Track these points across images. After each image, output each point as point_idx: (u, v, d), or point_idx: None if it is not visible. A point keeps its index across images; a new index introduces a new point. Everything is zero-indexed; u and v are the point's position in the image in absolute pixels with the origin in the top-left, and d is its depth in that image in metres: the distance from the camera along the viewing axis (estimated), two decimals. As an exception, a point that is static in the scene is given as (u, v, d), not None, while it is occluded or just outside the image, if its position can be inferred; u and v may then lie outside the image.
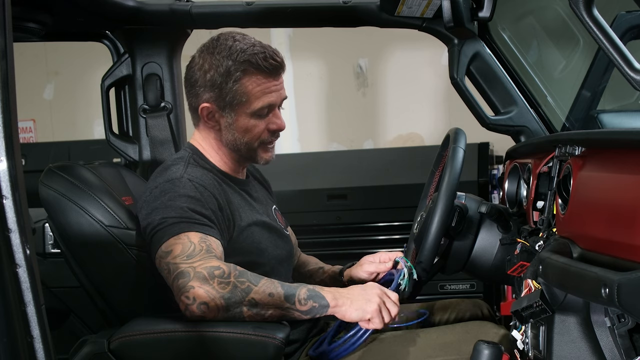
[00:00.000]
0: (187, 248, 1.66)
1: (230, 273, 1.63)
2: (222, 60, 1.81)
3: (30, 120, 4.88)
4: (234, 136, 1.86)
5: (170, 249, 1.67)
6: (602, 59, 2.38)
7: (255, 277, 1.66)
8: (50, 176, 1.80)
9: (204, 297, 1.60)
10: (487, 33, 2.36)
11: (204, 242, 1.68)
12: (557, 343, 1.40)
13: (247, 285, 1.63)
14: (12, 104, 1.16)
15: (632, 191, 1.20)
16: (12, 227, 1.14)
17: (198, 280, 1.61)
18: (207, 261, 1.64)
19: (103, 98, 2.38)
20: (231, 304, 1.61)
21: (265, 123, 1.87)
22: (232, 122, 1.85)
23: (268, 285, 1.65)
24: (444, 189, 1.80)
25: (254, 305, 1.63)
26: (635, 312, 1.11)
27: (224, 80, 1.81)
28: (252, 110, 1.83)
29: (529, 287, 1.53)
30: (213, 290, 1.61)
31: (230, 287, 1.62)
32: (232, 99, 1.82)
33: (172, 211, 1.71)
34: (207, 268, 1.63)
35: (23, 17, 1.99)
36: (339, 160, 3.62)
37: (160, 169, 1.87)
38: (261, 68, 1.81)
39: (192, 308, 1.60)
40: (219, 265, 1.63)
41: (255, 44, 1.84)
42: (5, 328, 1.14)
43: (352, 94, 4.59)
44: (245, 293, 1.62)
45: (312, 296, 1.66)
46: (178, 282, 1.63)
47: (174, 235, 1.68)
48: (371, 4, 2.29)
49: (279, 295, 1.64)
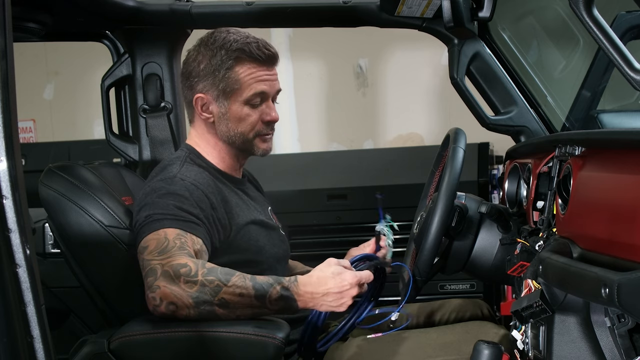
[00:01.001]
0: (160, 244, 1.65)
1: (198, 271, 1.60)
2: (215, 50, 1.85)
3: (30, 120, 4.88)
4: (228, 126, 1.87)
5: (147, 244, 1.67)
6: (602, 59, 2.38)
7: (226, 274, 1.62)
8: (50, 176, 1.80)
9: (171, 297, 1.58)
10: (487, 33, 2.36)
11: (179, 239, 1.66)
12: (557, 343, 1.40)
13: (216, 284, 1.59)
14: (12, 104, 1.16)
15: (632, 191, 1.20)
16: (12, 227, 1.14)
17: (164, 279, 1.59)
18: (175, 258, 1.61)
19: (103, 98, 2.38)
20: (200, 303, 1.58)
21: (259, 113, 1.88)
22: (226, 111, 1.86)
23: (239, 284, 1.61)
24: (444, 189, 1.80)
25: (224, 305, 1.60)
26: (635, 312, 1.11)
27: (217, 68, 1.84)
28: (244, 98, 1.85)
29: (529, 287, 1.53)
30: (179, 289, 1.58)
31: (198, 286, 1.58)
32: (225, 86, 1.84)
33: (158, 208, 1.71)
34: (174, 266, 1.60)
35: (23, 17, 1.99)
36: (339, 160, 3.62)
37: (158, 168, 1.88)
38: (253, 56, 1.84)
39: (160, 309, 1.59)
40: (186, 263, 1.60)
41: (248, 36, 1.88)
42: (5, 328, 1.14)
43: (352, 94, 4.59)
44: (215, 292, 1.59)
45: (284, 297, 1.63)
46: (147, 280, 1.61)
47: (154, 231, 1.68)
48: (371, 4, 2.29)
49: (250, 296, 1.61)
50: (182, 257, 1.62)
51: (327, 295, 1.64)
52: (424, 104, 4.52)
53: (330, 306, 1.65)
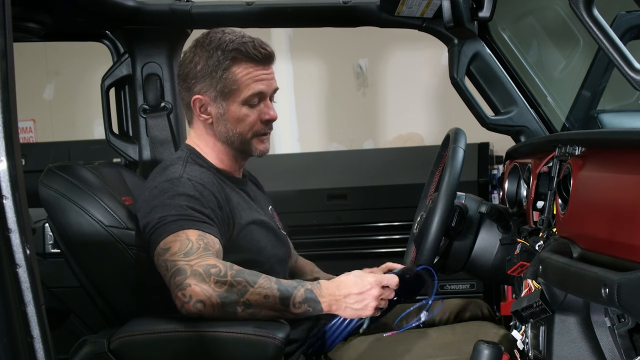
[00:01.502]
0: (184, 245, 1.66)
1: (227, 272, 1.62)
2: (212, 51, 1.84)
3: (30, 120, 4.88)
4: (227, 127, 1.87)
5: (169, 246, 1.67)
6: (602, 59, 2.38)
7: (253, 275, 1.65)
8: (50, 176, 1.80)
9: (201, 295, 1.60)
10: (487, 33, 2.36)
11: (201, 239, 1.68)
12: (557, 343, 1.40)
13: (243, 285, 1.62)
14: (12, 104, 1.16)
15: (632, 191, 1.20)
16: (12, 227, 1.14)
17: (195, 278, 1.61)
18: (204, 259, 1.64)
19: (103, 98, 2.38)
20: (227, 303, 1.61)
21: (257, 113, 1.87)
22: (224, 112, 1.86)
23: (265, 286, 1.63)
24: (444, 189, 1.81)
25: (248, 306, 1.62)
26: (635, 312, 1.11)
27: (214, 69, 1.83)
28: (242, 99, 1.84)
29: (529, 287, 1.53)
30: (210, 288, 1.60)
31: (227, 286, 1.61)
32: (222, 87, 1.84)
33: (171, 209, 1.71)
34: (203, 266, 1.62)
35: (23, 17, 1.99)
36: (339, 160, 3.62)
37: (159, 168, 1.87)
38: (250, 56, 1.83)
39: (188, 306, 1.60)
40: (216, 264, 1.63)
41: (244, 35, 1.87)
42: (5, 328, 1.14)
43: (352, 94, 4.59)
44: (242, 293, 1.61)
45: (308, 300, 1.64)
46: (175, 279, 1.62)
47: (173, 233, 1.68)
48: (371, 4, 2.29)
49: (275, 298, 1.63)
50: (210, 257, 1.64)
51: (349, 297, 1.64)
52: (424, 104, 4.52)
53: (354, 309, 1.65)
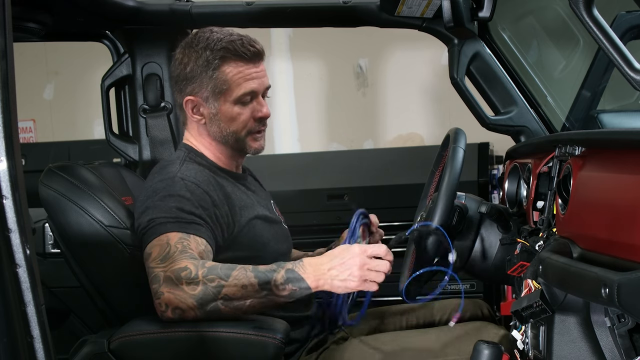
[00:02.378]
0: (163, 250, 1.65)
1: (198, 272, 1.59)
2: (200, 51, 1.83)
3: (30, 120, 4.88)
4: (220, 127, 1.86)
5: (151, 251, 1.67)
6: (602, 59, 2.38)
7: (226, 269, 1.61)
8: (50, 176, 1.80)
9: (175, 302, 1.59)
10: (487, 33, 2.36)
11: (181, 242, 1.66)
12: (557, 343, 1.40)
13: (217, 282, 1.59)
14: (12, 104, 1.16)
15: (632, 191, 1.20)
16: (12, 227, 1.14)
17: (167, 284, 1.59)
18: (176, 263, 1.61)
19: (103, 98, 2.38)
20: (204, 303, 1.59)
21: (250, 111, 1.86)
22: (217, 112, 1.85)
23: (240, 277, 1.60)
24: (444, 189, 1.80)
25: (229, 300, 1.60)
26: (635, 312, 1.11)
27: (204, 70, 1.82)
28: (234, 98, 1.84)
29: (529, 287, 1.53)
30: (183, 293, 1.58)
31: (200, 287, 1.59)
32: (213, 88, 1.83)
33: (160, 211, 1.71)
34: (175, 270, 1.60)
35: (23, 17, 1.99)
36: (339, 160, 3.62)
37: (157, 168, 1.87)
38: (239, 54, 1.82)
39: (167, 314, 1.60)
40: (186, 266, 1.60)
41: (232, 33, 1.85)
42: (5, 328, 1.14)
43: (352, 94, 4.59)
44: (217, 290, 1.59)
45: (290, 279, 1.61)
46: (152, 287, 1.62)
47: (156, 237, 1.68)
48: (371, 4, 2.29)
49: (253, 285, 1.60)
50: (183, 260, 1.62)
51: (332, 269, 1.61)
52: (424, 104, 4.52)
53: (340, 280, 1.61)
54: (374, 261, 1.63)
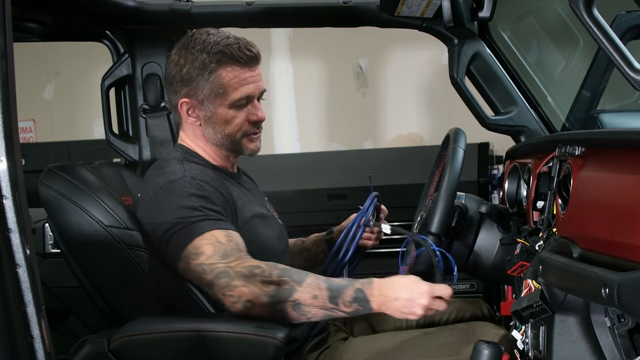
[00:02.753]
0: (218, 248, 1.67)
1: (272, 272, 1.64)
2: (196, 54, 1.82)
3: (30, 120, 4.88)
4: (215, 129, 1.87)
5: (200, 250, 1.68)
6: (602, 59, 2.38)
7: (300, 274, 1.65)
8: (50, 176, 1.80)
9: (248, 295, 1.62)
10: (487, 33, 2.36)
11: (229, 239, 1.69)
12: (557, 343, 1.40)
13: (290, 285, 1.63)
14: (12, 104, 1.16)
15: (632, 191, 1.20)
16: (12, 227, 1.14)
17: (240, 279, 1.63)
18: (243, 260, 1.66)
19: (103, 98, 2.38)
20: (275, 302, 1.63)
21: (245, 114, 1.87)
22: (212, 115, 1.85)
23: (313, 285, 1.64)
24: (444, 189, 1.80)
25: (297, 306, 1.64)
26: (635, 312, 1.11)
27: (200, 73, 1.82)
28: (230, 102, 1.84)
29: (529, 287, 1.53)
30: (256, 288, 1.62)
31: (274, 287, 1.63)
32: (209, 91, 1.83)
33: (186, 212, 1.71)
34: (247, 267, 1.65)
35: (23, 17, 1.99)
36: (339, 160, 3.62)
37: (156, 169, 1.86)
38: (235, 58, 1.82)
39: (237, 305, 1.63)
40: (258, 265, 1.65)
41: (229, 37, 1.84)
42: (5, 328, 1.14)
43: (352, 94, 4.59)
44: (289, 293, 1.63)
45: (358, 299, 1.64)
46: (219, 282, 1.65)
47: (198, 236, 1.69)
48: (371, 4, 2.29)
49: (323, 298, 1.63)
50: (249, 259, 1.67)
51: (398, 300, 1.63)
52: (424, 104, 4.52)
53: (402, 312, 1.64)
54: (436, 302, 1.65)
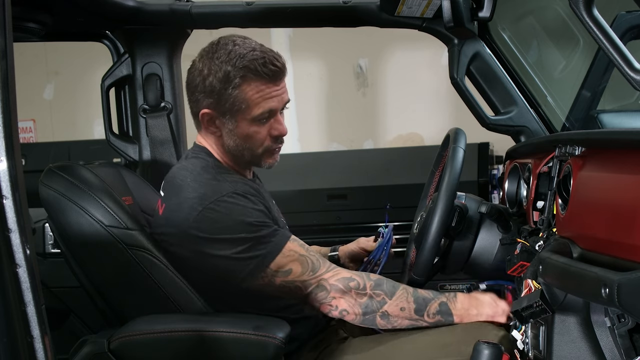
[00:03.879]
0: (305, 263, 1.75)
1: (366, 284, 1.77)
2: (221, 65, 1.77)
3: (30, 120, 4.89)
4: (236, 142, 1.84)
5: (287, 268, 1.74)
6: (602, 59, 2.38)
7: (391, 287, 1.78)
8: (50, 176, 1.80)
9: (345, 306, 1.77)
10: (487, 33, 2.36)
11: (306, 249, 1.78)
12: (557, 343, 1.40)
13: (382, 297, 1.77)
14: (12, 104, 1.15)
15: (632, 191, 1.20)
16: (12, 227, 1.14)
17: (337, 292, 1.76)
18: (334, 272, 1.77)
19: (103, 98, 2.38)
20: (367, 312, 1.77)
21: (267, 129, 1.83)
22: (233, 128, 1.82)
23: (402, 298, 1.77)
24: (444, 189, 1.80)
25: (385, 317, 1.78)
26: (635, 312, 1.11)
27: (223, 86, 1.77)
28: (252, 117, 1.80)
29: (529, 287, 1.53)
30: (352, 299, 1.77)
31: (367, 298, 1.77)
32: (231, 105, 1.79)
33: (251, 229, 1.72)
34: (341, 281, 1.76)
35: (23, 17, 1.99)
36: (339, 160, 3.62)
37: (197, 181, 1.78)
38: (260, 74, 1.77)
39: (334, 313, 1.79)
40: (352, 277, 1.77)
41: (255, 49, 1.79)
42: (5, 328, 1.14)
43: (352, 94, 4.60)
44: (380, 305, 1.77)
45: (442, 312, 1.79)
46: (317, 296, 1.77)
47: (278, 254, 1.73)
48: (371, 4, 2.29)
49: (410, 310, 1.77)
50: (340, 270, 1.79)
51: (479, 316, 1.80)
52: (424, 104, 4.53)
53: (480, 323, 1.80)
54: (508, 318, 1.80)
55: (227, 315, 1.75)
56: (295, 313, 1.85)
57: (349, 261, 2.21)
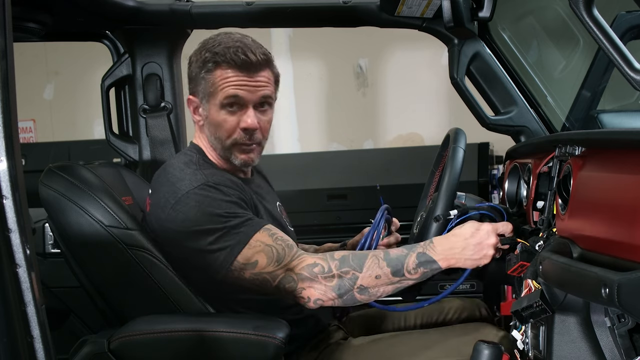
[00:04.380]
0: (270, 254, 1.69)
1: (331, 266, 1.69)
2: (202, 52, 1.83)
3: (30, 120, 4.89)
4: (210, 131, 1.85)
5: (253, 260, 1.69)
6: (602, 59, 2.38)
7: (358, 260, 1.69)
8: (50, 176, 1.80)
9: (317, 295, 1.68)
10: (487, 33, 2.36)
11: (275, 238, 1.71)
12: (557, 343, 1.40)
13: (351, 273, 1.68)
14: (12, 104, 1.16)
15: (632, 191, 1.20)
16: (12, 227, 1.14)
17: (304, 281, 1.68)
18: (299, 259, 1.69)
19: (103, 98, 2.38)
20: (342, 293, 1.68)
21: (237, 120, 1.82)
22: (207, 115, 1.84)
23: (373, 267, 1.68)
24: (444, 189, 1.80)
25: (364, 290, 1.69)
26: (635, 312, 1.11)
27: (199, 70, 1.83)
28: (218, 102, 1.81)
29: (529, 287, 1.53)
30: (321, 285, 1.68)
31: (336, 280, 1.68)
32: (204, 89, 1.83)
33: (219, 220, 1.69)
34: (305, 268, 1.68)
35: (23, 17, 1.99)
36: (339, 160, 3.62)
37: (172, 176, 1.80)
38: (230, 62, 1.79)
39: (309, 304, 1.70)
40: (315, 262, 1.69)
41: (239, 40, 1.82)
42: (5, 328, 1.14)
43: (352, 94, 4.60)
44: (353, 281, 1.68)
45: (422, 263, 1.69)
46: (285, 287, 1.69)
47: (244, 246, 1.68)
48: (371, 4, 2.29)
49: (387, 275, 1.68)
50: (304, 257, 1.70)
51: (466, 248, 1.70)
52: (424, 104, 4.53)
53: (473, 260, 1.71)
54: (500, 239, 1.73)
55: (227, 315, 1.75)
56: (295, 313, 1.85)
57: None
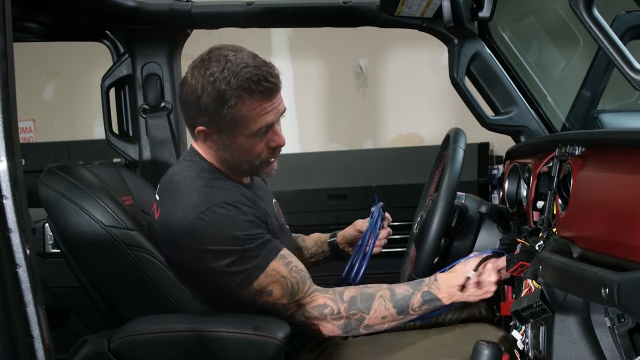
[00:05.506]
0: (285, 286, 1.75)
1: (340, 308, 1.78)
2: (214, 83, 1.72)
3: (30, 120, 4.88)
4: (233, 156, 1.82)
5: (268, 289, 1.74)
6: (602, 59, 2.38)
7: (366, 302, 1.78)
8: (50, 176, 1.80)
9: (326, 331, 1.81)
10: (487, 33, 2.36)
11: (290, 268, 1.76)
12: (557, 343, 1.40)
13: (359, 315, 1.78)
14: (12, 104, 1.15)
15: (632, 191, 1.20)
16: (12, 227, 1.14)
17: (313, 319, 1.79)
18: (311, 299, 1.78)
19: (103, 98, 2.38)
20: (349, 330, 1.80)
21: (265, 141, 1.81)
22: (230, 143, 1.80)
23: (380, 309, 1.78)
24: (444, 189, 1.81)
25: (369, 327, 1.80)
26: (635, 312, 1.11)
27: (219, 105, 1.73)
28: (249, 132, 1.78)
29: (529, 287, 1.53)
30: (329, 325, 1.80)
31: (344, 321, 1.79)
32: (227, 123, 1.76)
33: (241, 242, 1.71)
34: (315, 308, 1.78)
35: (23, 17, 1.99)
36: (339, 160, 3.62)
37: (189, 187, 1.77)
38: (255, 92, 1.73)
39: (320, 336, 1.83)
40: (325, 303, 1.78)
41: (248, 64, 1.74)
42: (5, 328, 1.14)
43: (352, 94, 4.60)
44: (359, 322, 1.79)
45: (427, 301, 1.78)
46: (295, 318, 1.78)
47: (262, 271, 1.72)
48: (371, 4, 2.29)
49: (392, 315, 1.78)
50: (316, 296, 1.79)
51: (469, 287, 1.78)
52: (424, 104, 4.52)
53: (476, 295, 1.79)
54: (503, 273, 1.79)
55: (227, 315, 1.75)
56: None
57: (348, 245, 2.20)
